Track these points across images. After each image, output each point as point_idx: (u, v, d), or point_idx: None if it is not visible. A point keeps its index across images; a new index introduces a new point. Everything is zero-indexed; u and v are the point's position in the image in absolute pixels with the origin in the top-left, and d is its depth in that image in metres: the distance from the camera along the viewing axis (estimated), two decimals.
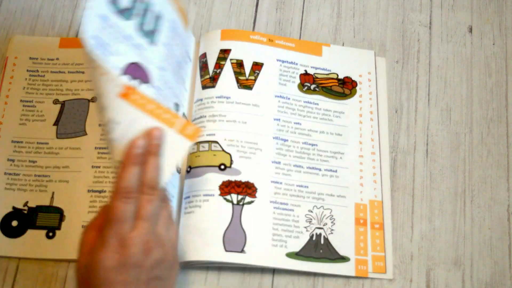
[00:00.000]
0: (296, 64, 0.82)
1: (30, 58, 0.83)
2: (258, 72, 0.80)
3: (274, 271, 0.73)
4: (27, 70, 0.82)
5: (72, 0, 0.87)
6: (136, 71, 0.65)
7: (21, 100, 0.80)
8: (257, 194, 0.74)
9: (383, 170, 0.78)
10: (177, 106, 0.75)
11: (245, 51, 0.81)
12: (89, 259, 0.58)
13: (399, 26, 0.87)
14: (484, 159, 0.80)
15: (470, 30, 0.87)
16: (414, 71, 0.84)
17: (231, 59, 0.80)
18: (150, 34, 0.68)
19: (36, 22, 0.86)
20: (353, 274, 0.72)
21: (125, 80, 0.61)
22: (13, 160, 0.77)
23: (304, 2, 0.88)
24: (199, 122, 0.77)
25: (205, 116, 0.77)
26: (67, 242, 0.73)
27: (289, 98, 0.80)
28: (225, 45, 0.81)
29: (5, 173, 0.76)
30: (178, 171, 0.75)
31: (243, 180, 0.74)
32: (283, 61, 0.82)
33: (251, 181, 0.74)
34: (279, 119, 0.78)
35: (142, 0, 0.67)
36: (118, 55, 0.62)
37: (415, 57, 0.85)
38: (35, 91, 0.81)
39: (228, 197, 0.73)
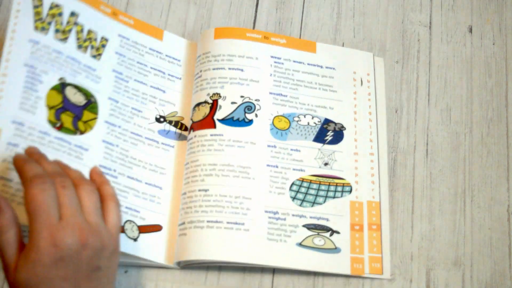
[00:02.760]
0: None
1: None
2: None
3: (274, 271, 0.73)
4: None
5: None
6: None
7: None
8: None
9: (381, 171, 0.78)
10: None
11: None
12: (22, 259, 0.55)
13: (399, 26, 0.87)
14: (484, 159, 0.80)
15: (470, 30, 0.87)
16: (414, 71, 0.84)
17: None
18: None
19: None
20: (348, 272, 0.72)
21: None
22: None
23: (304, 2, 0.88)
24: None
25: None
26: None
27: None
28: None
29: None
30: None
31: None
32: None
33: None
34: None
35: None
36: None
37: (415, 57, 0.85)
38: None
39: None
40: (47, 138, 0.69)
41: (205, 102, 0.77)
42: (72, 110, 0.73)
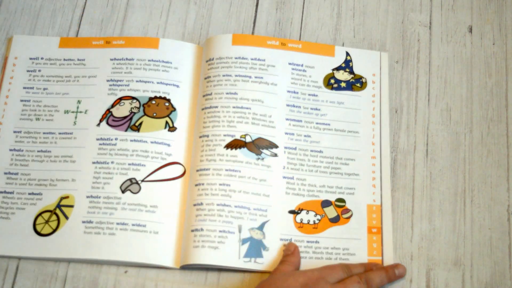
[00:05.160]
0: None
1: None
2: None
3: None
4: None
5: (72, 0, 0.87)
6: None
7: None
8: None
9: (383, 173, 0.78)
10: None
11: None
12: None
13: (399, 26, 0.87)
14: (484, 159, 0.80)
15: (470, 30, 0.87)
16: (414, 71, 0.84)
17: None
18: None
19: (36, 22, 0.86)
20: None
21: None
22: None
23: (304, 2, 0.88)
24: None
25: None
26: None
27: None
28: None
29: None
30: None
31: None
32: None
33: None
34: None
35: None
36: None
37: (415, 57, 0.85)
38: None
39: None
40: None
41: None
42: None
